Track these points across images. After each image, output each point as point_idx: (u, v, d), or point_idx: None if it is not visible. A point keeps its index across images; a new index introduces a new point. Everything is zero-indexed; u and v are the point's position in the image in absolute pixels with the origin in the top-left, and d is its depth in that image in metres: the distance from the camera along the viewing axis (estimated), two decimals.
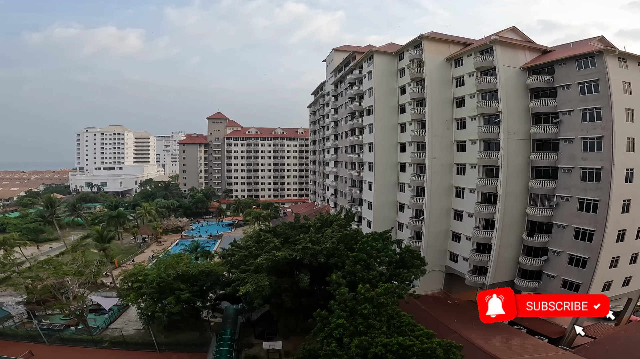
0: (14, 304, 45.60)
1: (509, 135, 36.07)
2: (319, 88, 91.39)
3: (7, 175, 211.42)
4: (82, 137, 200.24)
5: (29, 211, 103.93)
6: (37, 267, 43.63)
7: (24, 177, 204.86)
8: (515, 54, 36.89)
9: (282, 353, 35.01)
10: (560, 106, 34.46)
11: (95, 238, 54.09)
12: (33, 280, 40.69)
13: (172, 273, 35.73)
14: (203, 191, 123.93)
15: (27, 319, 41.72)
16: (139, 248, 78.36)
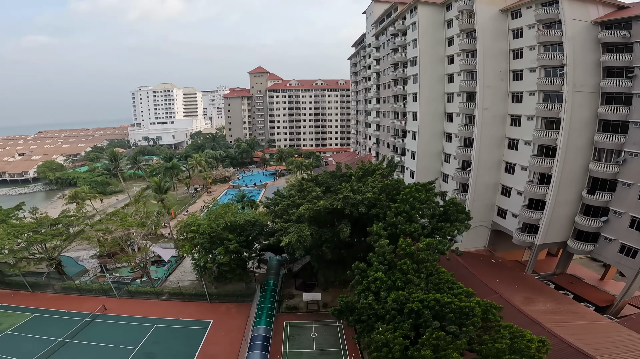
0: (88, 259, 49.84)
1: (575, 87, 33.42)
2: (359, 40, 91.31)
3: (73, 132, 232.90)
4: (136, 95, 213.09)
5: (96, 165, 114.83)
6: (107, 219, 45.78)
7: (89, 134, 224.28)
8: (585, 8, 34.09)
9: (320, 304, 36.52)
10: (637, 61, 31.25)
11: (154, 189, 57.70)
12: (104, 232, 43.25)
13: (221, 222, 37.09)
14: (247, 142, 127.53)
15: (100, 273, 45.26)
16: (191, 199, 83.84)
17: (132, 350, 30.87)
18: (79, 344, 32.02)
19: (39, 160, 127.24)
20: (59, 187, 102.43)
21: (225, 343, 31.77)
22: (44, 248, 41.18)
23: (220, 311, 36.95)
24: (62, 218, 44.84)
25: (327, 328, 33.30)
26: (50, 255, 41.56)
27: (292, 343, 31.56)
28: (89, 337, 33.00)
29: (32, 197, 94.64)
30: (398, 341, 19.34)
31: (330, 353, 30.00)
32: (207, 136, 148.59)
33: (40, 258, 41.65)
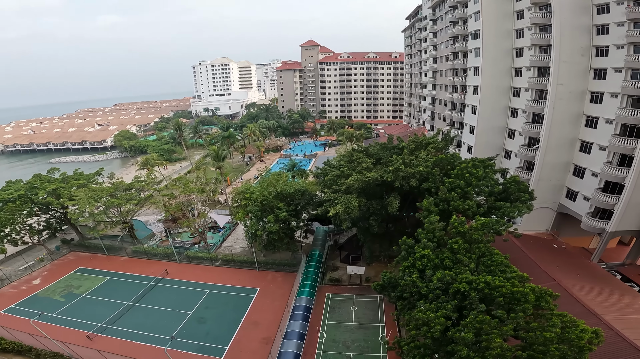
0: (155, 223, 53.91)
1: None
2: (414, 13, 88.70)
3: (144, 104, 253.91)
4: (197, 69, 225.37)
5: (163, 134, 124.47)
6: (172, 185, 48.56)
7: (157, 106, 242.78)
8: None
9: (363, 279, 36.44)
10: None
11: (213, 157, 61.29)
12: (169, 197, 46.01)
13: (272, 191, 38.04)
14: (299, 113, 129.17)
15: (165, 238, 48.79)
16: (246, 166, 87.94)
17: (187, 314, 33.25)
18: (142, 307, 34.87)
19: (115, 130, 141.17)
20: (132, 154, 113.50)
21: (269, 310, 33.26)
22: (119, 212, 44.62)
23: (267, 279, 38.58)
24: (134, 183, 48.03)
25: (367, 303, 33.50)
26: (124, 218, 45.09)
27: (331, 315, 32.31)
28: (152, 301, 35.84)
29: (109, 163, 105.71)
30: (439, 321, 18.84)
31: (368, 328, 30.35)
32: (260, 107, 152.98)
33: (116, 221, 44.98)
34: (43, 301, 36.10)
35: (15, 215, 40.71)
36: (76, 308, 34.89)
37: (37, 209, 44.70)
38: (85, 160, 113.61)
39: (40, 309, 32.96)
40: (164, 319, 32.66)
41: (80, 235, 48.44)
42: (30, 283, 39.68)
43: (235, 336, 30.27)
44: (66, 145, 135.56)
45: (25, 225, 42.75)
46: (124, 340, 30.09)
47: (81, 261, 44.24)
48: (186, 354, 28.22)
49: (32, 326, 29.53)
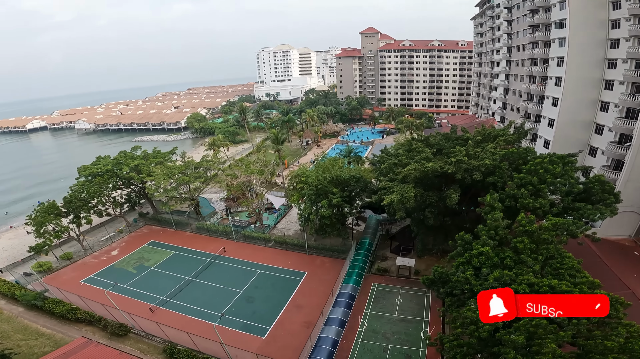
0: (218, 201, 57.28)
1: None
2: (485, 0, 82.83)
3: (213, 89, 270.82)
4: (259, 56, 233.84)
5: (229, 117, 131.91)
6: (234, 166, 51.61)
7: (224, 90, 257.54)
8: None
9: (412, 271, 35.49)
10: None
11: (272, 140, 63.70)
12: (231, 177, 48.69)
13: (328, 176, 38.34)
14: (357, 99, 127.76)
15: (225, 216, 51.69)
16: (303, 150, 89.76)
17: (237, 293, 35.03)
18: (199, 283, 36.99)
19: (188, 112, 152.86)
20: (201, 135, 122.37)
21: (314, 295, 33.86)
22: (188, 189, 48.42)
23: (315, 264, 39.24)
24: (202, 162, 51.52)
25: (413, 296, 32.73)
26: (192, 195, 48.86)
27: (375, 305, 32.08)
28: (208, 277, 37.92)
29: (182, 143, 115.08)
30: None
31: (411, 321, 29.70)
32: (319, 93, 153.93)
33: (185, 197, 48.76)
34: (118, 272, 39.68)
35: (102, 188, 46.06)
36: (144, 280, 38.06)
37: (121, 183, 50.13)
38: (162, 140, 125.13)
39: (115, 280, 36.46)
40: (216, 296, 34.76)
41: (155, 209, 53.77)
42: (109, 254, 44.07)
43: (279, 318, 31.40)
44: (147, 126, 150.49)
45: (110, 198, 47.99)
46: (180, 314, 32.40)
47: (153, 234, 48.77)
48: (232, 331, 29.88)
49: (105, 296, 32.55)
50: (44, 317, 33.06)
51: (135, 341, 29.74)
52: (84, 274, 39.75)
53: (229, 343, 27.43)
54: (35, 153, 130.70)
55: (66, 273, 40.18)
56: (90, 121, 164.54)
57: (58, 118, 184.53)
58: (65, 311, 32.27)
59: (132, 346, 29.11)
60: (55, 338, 30.24)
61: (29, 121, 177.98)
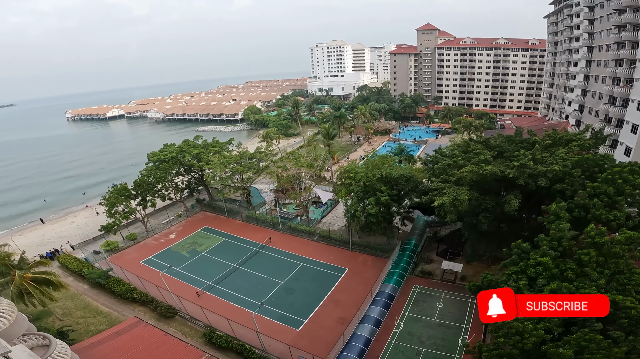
0: (267, 192, 59.14)
1: None
2: None
3: (269, 83, 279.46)
4: (313, 51, 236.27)
5: (282, 110, 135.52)
6: (285, 158, 52.59)
7: (279, 84, 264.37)
8: None
9: (458, 276, 33.85)
10: None
11: (323, 135, 64.15)
12: (282, 169, 49.90)
13: (377, 173, 37.69)
14: (412, 97, 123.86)
15: (273, 207, 53.10)
16: (353, 146, 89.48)
17: (278, 284, 35.73)
18: (244, 271, 38.19)
19: (245, 105, 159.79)
20: (256, 127, 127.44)
21: (352, 292, 33.62)
22: (241, 178, 50.53)
23: (357, 261, 38.91)
24: (256, 154, 53.40)
25: (456, 302, 31.26)
26: (244, 184, 51.04)
27: (414, 307, 31.16)
28: (253, 265, 39.03)
29: (238, 134, 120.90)
30: (537, 334, 17.18)
31: (450, 327, 28.44)
32: (372, 89, 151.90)
33: (237, 186, 51.04)
34: (173, 255, 42.12)
35: (167, 173, 49.84)
36: (195, 265, 39.97)
37: (183, 170, 53.71)
38: (221, 130, 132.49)
39: (169, 263, 38.75)
40: (258, 285, 35.75)
41: (210, 196, 56.98)
42: (168, 237, 47.12)
43: (315, 312, 31.64)
44: (208, 116, 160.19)
45: (173, 183, 51.79)
46: (223, 300, 33.68)
47: (207, 220, 51.50)
48: (269, 321, 30.62)
49: (159, 278, 34.65)
50: (105, 295, 35.57)
51: (180, 324, 31.47)
52: (144, 255, 42.65)
53: (264, 332, 28.24)
54: (113, 139, 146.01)
55: (129, 253, 43.49)
56: (160, 111, 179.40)
57: (133, 108, 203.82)
58: (124, 291, 34.48)
59: (176, 328, 30.81)
60: (111, 317, 32.40)
61: (109, 109, 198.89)
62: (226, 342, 27.86)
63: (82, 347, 23.91)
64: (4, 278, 29.12)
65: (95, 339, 25.70)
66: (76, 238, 48.98)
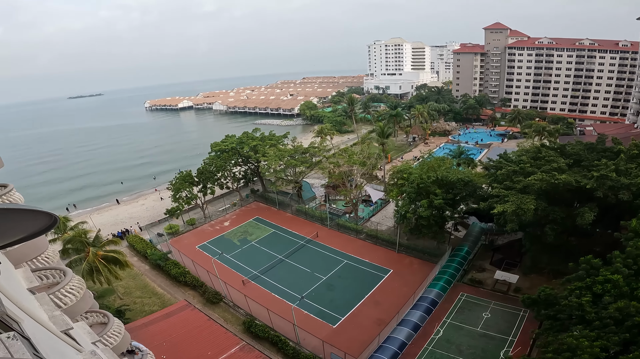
0: (318, 187, 59.60)
1: None
2: None
3: (325, 79, 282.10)
4: (371, 48, 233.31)
5: (337, 107, 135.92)
6: (338, 154, 52.78)
7: (335, 81, 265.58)
8: None
9: (511, 287, 31.69)
10: None
11: (378, 133, 63.18)
12: (334, 165, 50.11)
13: (432, 175, 36.31)
14: (476, 98, 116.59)
15: (323, 202, 53.65)
16: (408, 147, 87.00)
17: (320, 279, 35.94)
18: (288, 263, 38.93)
19: (301, 100, 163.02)
20: (311, 123, 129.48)
21: (394, 294, 32.80)
22: (293, 172, 51.87)
23: (403, 263, 37.88)
24: (309, 148, 54.39)
25: (504, 313, 29.36)
26: (296, 178, 52.29)
27: (457, 315, 29.75)
28: (298, 259, 39.57)
29: (294, 129, 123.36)
30: (592, 351, 16.10)
31: (494, 338, 26.80)
32: (432, 89, 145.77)
33: (290, 180, 52.45)
34: (225, 242, 44.17)
35: (227, 163, 52.78)
36: (244, 254, 41.57)
37: (241, 160, 56.57)
38: (278, 124, 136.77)
39: (221, 250, 40.58)
40: (301, 279, 36.22)
41: (264, 187, 59.20)
42: (222, 224, 49.68)
43: (354, 310, 31.40)
44: (267, 110, 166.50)
45: (231, 173, 54.64)
46: (266, 290, 34.62)
47: (259, 211, 53.49)
48: (307, 315, 30.97)
49: (211, 264, 36.32)
50: (162, 277, 38.03)
51: (223, 310, 32.93)
52: (200, 240, 45.30)
53: (301, 325, 28.62)
54: (182, 128, 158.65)
55: (187, 238, 46.52)
56: (224, 103, 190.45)
57: (201, 100, 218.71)
58: (178, 274, 36.31)
59: (219, 314, 32.28)
60: (164, 298, 34.52)
61: (180, 101, 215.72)
62: (263, 332, 28.70)
63: (135, 326, 25.72)
64: (79, 255, 31.87)
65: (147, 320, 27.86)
66: (144, 220, 53.61)
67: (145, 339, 22.93)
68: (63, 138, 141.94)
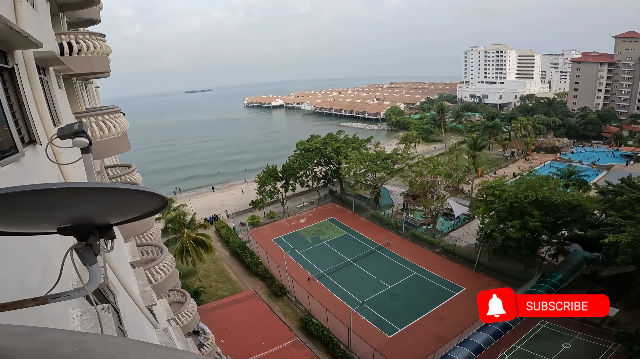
0: (397, 195, 58.02)
1: None
2: None
3: (414, 85, 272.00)
4: (468, 55, 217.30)
5: (425, 114, 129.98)
6: (422, 164, 50.61)
7: (425, 87, 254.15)
8: None
9: (605, 320, 27.55)
10: None
11: (469, 145, 58.64)
12: (416, 174, 47.97)
13: (531, 195, 32.66)
14: (598, 113, 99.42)
15: (400, 211, 52.08)
16: (504, 162, 78.83)
17: (385, 287, 34.92)
18: (355, 267, 38.73)
19: (387, 105, 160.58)
20: (396, 128, 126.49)
21: (461, 312, 30.40)
22: (373, 177, 51.42)
23: (479, 283, 34.78)
24: (392, 155, 53.37)
25: (589, 346, 25.72)
26: (375, 184, 51.84)
27: (531, 343, 26.55)
28: (365, 264, 39.14)
29: (377, 134, 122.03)
30: None
31: None
32: (541, 100, 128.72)
33: (369, 184, 52.16)
34: (298, 239, 45.68)
35: (309, 162, 55.01)
36: (314, 252, 42.41)
37: (323, 161, 58.19)
38: (362, 128, 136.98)
39: (294, 245, 42.03)
40: (365, 284, 35.71)
41: (342, 190, 59.86)
42: (298, 221, 51.55)
43: (413, 323, 30.02)
44: (352, 113, 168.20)
45: (312, 172, 56.76)
46: (328, 290, 34.78)
47: (335, 212, 54.23)
48: (364, 321, 30.25)
49: (282, 258, 37.81)
50: (237, 265, 40.52)
51: (284, 304, 33.92)
52: (276, 233, 47.62)
53: (356, 330, 28.21)
54: (274, 126, 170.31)
55: (265, 230, 49.42)
56: (311, 104, 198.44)
57: (291, 99, 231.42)
58: (252, 264, 38.27)
59: (280, 307, 33.26)
60: (235, 286, 36.63)
61: (273, 99, 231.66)
62: (318, 331, 28.90)
63: (205, 308, 28.21)
64: (175, 235, 35.55)
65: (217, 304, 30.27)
66: (232, 208, 58.59)
67: (211, 322, 24.80)
68: (177, 128, 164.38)
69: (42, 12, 7.59)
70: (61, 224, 1.36)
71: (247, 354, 24.85)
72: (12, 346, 0.80)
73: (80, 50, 9.51)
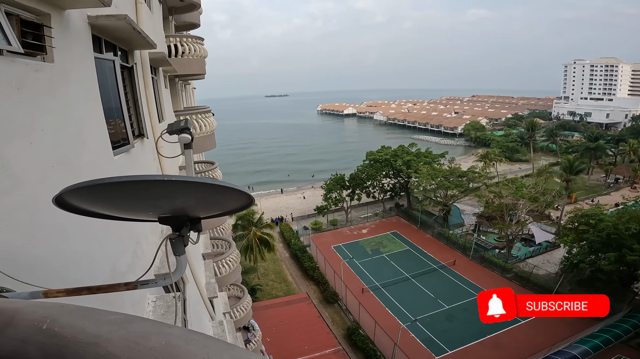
0: (470, 214, 53.87)
1: None
2: None
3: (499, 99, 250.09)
4: (569, 68, 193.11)
5: (512, 131, 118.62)
6: (502, 184, 46.06)
7: (512, 102, 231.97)
8: None
9: None
10: None
11: (563, 167, 52.11)
12: (495, 195, 43.82)
13: (634, 227, 28.85)
14: None
15: (471, 231, 48.32)
16: (605, 189, 68.29)
17: (442, 307, 33.06)
18: (413, 283, 37.21)
19: (467, 119, 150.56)
20: (475, 145, 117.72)
21: (524, 341, 27.95)
22: (444, 194, 48.52)
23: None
24: (468, 172, 49.68)
25: None
26: (446, 201, 48.80)
27: None
28: (424, 281, 37.40)
29: (453, 149, 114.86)
30: None
31: None
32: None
33: (438, 201, 49.39)
34: (358, 249, 45.03)
35: (378, 173, 54.11)
36: (373, 264, 41.50)
37: (391, 173, 56.81)
38: (436, 142, 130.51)
39: (353, 255, 41.44)
40: (421, 301, 34.18)
41: (409, 204, 57.68)
42: (360, 231, 51.00)
43: (466, 347, 27.82)
44: (426, 126, 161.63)
45: (380, 183, 55.70)
46: (380, 303, 33.77)
47: (399, 226, 52.50)
48: (412, 338, 28.74)
49: (340, 265, 37.58)
50: (295, 267, 41.26)
51: (334, 312, 33.55)
52: (336, 241, 47.69)
53: (402, 347, 26.86)
54: (344, 133, 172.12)
55: (326, 236, 49.73)
56: (384, 114, 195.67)
57: (364, 108, 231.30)
58: (310, 268, 38.72)
59: (330, 314, 32.88)
60: (290, 287, 37.22)
61: (345, 107, 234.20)
62: (363, 342, 28.15)
63: (258, 306, 29.21)
64: (243, 231, 37.76)
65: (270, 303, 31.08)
66: (297, 212, 60.22)
67: (261, 320, 25.56)
68: (256, 130, 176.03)
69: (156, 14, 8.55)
70: (163, 214, 1.44)
71: (288, 356, 25.28)
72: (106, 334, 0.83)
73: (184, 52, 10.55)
